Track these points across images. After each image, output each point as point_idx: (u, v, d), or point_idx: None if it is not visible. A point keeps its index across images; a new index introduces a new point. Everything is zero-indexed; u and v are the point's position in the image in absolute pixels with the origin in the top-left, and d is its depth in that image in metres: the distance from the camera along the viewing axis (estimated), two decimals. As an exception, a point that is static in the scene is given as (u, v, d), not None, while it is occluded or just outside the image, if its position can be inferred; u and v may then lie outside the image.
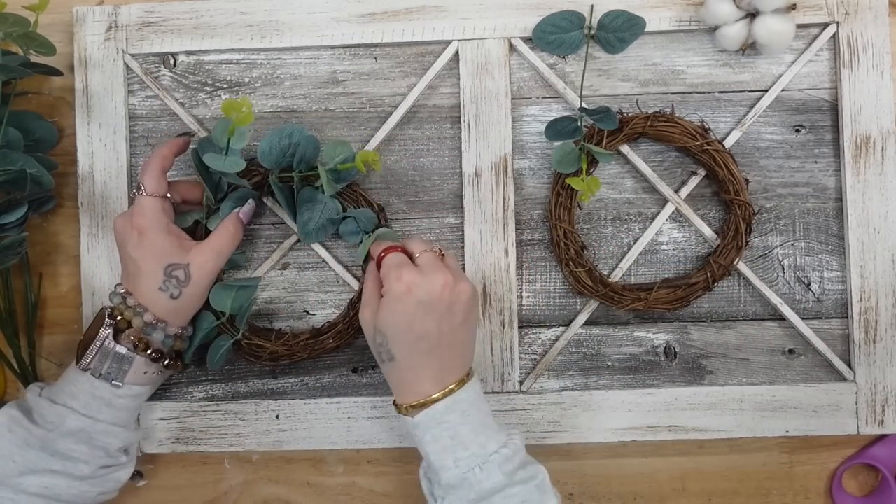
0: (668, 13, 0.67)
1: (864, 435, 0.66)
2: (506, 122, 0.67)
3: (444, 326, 0.57)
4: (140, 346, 0.59)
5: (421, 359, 0.57)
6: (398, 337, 0.57)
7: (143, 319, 0.59)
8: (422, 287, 0.56)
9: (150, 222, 0.59)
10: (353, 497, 0.70)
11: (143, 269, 0.59)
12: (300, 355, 0.66)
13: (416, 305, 0.56)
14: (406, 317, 0.56)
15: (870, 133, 0.66)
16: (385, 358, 0.58)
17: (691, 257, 0.68)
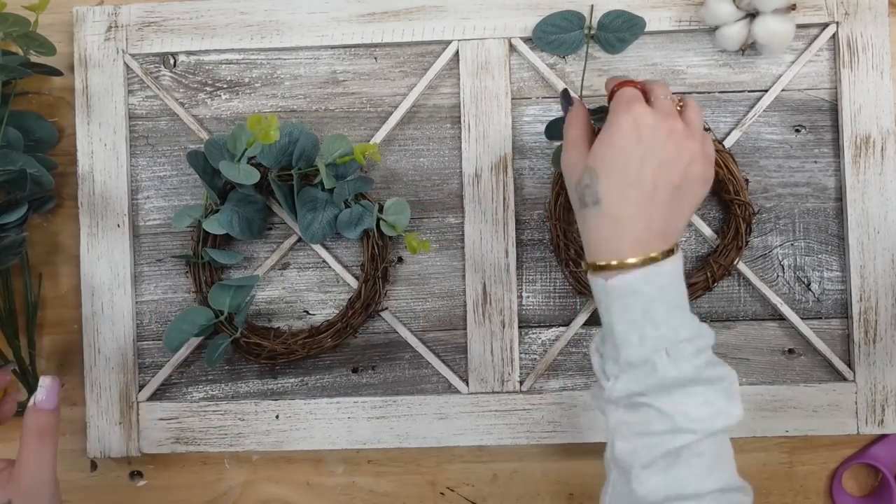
0: (668, 13, 0.67)
1: (864, 435, 0.66)
2: (506, 122, 0.67)
3: (659, 180, 0.49)
4: None
5: (628, 208, 0.49)
6: (611, 176, 0.49)
7: None
8: (649, 126, 0.50)
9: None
10: (353, 497, 0.70)
11: None
12: (298, 353, 0.66)
13: (637, 145, 0.49)
14: (624, 154, 0.49)
15: (869, 133, 0.66)
16: (589, 200, 0.50)
17: (691, 257, 0.68)
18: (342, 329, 0.67)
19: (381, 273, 0.66)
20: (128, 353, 0.67)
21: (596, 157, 0.51)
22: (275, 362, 0.67)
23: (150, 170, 0.69)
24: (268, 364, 0.68)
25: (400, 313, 0.69)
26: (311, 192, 0.64)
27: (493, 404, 0.66)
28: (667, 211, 0.50)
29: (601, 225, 0.50)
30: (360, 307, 0.66)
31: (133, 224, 0.69)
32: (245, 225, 0.65)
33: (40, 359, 0.70)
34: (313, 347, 0.67)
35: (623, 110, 0.51)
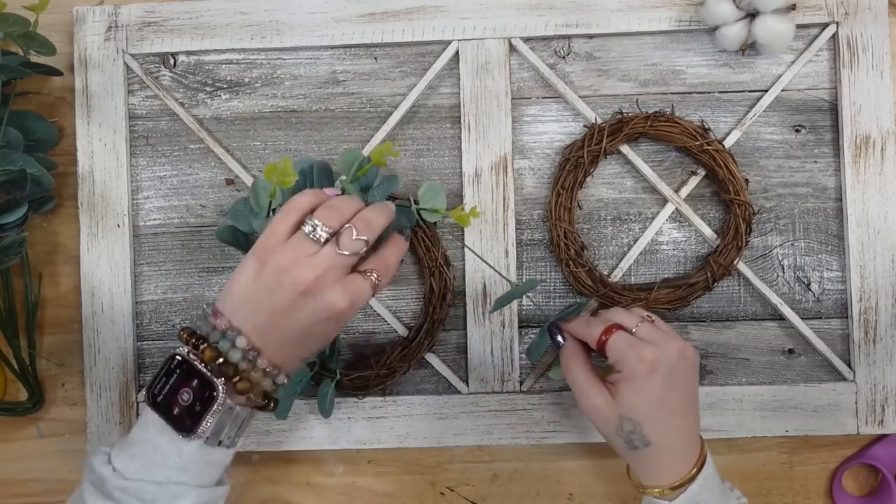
0: (668, 13, 0.67)
1: (864, 435, 0.66)
2: (506, 122, 0.67)
3: (684, 397, 0.55)
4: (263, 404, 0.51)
5: (675, 436, 0.54)
6: (651, 418, 0.54)
7: (274, 381, 0.50)
8: (663, 362, 0.54)
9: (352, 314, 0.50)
10: (353, 497, 0.70)
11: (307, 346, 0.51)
12: (403, 368, 0.66)
13: (662, 383, 0.53)
14: (656, 395, 0.53)
15: (869, 133, 0.66)
16: (639, 444, 0.54)
17: (691, 257, 0.68)
18: (431, 327, 0.66)
19: (443, 259, 0.66)
20: (128, 353, 0.67)
21: (631, 409, 0.54)
22: (384, 388, 0.66)
23: (150, 170, 0.69)
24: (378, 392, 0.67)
25: (400, 313, 0.69)
26: None
27: (493, 404, 0.66)
28: (695, 414, 0.56)
29: (656, 459, 0.54)
30: (438, 299, 0.66)
31: (133, 224, 0.69)
32: None
33: (40, 359, 0.70)
34: (413, 356, 0.66)
35: (636, 358, 0.54)
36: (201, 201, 0.69)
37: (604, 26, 0.67)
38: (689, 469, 0.54)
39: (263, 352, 0.49)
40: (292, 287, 0.48)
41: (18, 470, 0.69)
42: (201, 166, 0.69)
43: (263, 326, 0.49)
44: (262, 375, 0.49)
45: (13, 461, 0.69)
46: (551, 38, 0.68)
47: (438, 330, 0.66)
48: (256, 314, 0.49)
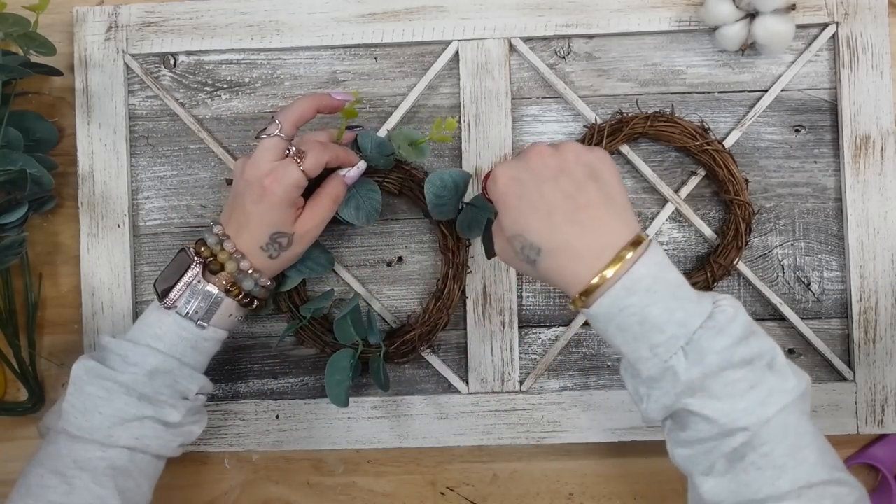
0: (668, 13, 0.67)
1: (864, 435, 0.67)
2: (506, 122, 0.67)
3: (567, 188, 0.48)
4: (232, 290, 0.57)
5: (565, 231, 0.47)
6: (530, 223, 0.48)
7: (238, 266, 0.57)
8: (518, 167, 0.50)
9: (282, 192, 0.56)
10: (353, 497, 0.70)
11: (253, 226, 0.57)
12: (444, 319, 0.66)
13: (524, 185, 0.49)
14: (524, 201, 0.48)
15: (869, 133, 0.66)
16: (534, 256, 0.48)
17: (691, 257, 0.68)
18: (456, 273, 0.66)
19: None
20: (128, 353, 0.67)
21: (508, 224, 0.50)
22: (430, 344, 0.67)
23: (150, 170, 0.69)
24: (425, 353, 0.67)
25: (400, 313, 0.69)
26: None
27: (493, 404, 0.66)
28: (598, 207, 0.47)
29: (557, 264, 0.48)
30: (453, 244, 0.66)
31: (133, 224, 0.69)
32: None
33: (40, 359, 0.70)
34: (448, 306, 0.66)
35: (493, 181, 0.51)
36: (201, 201, 0.69)
37: (604, 26, 0.67)
38: (599, 269, 0.46)
39: (232, 238, 0.58)
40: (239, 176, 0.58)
41: (18, 470, 0.69)
42: (201, 166, 0.69)
43: (229, 216, 0.58)
44: (227, 257, 0.57)
45: (13, 461, 0.69)
46: (551, 38, 0.68)
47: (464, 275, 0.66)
48: (227, 207, 0.59)
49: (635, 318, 0.46)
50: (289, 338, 0.69)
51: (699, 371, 0.45)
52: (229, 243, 0.57)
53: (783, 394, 0.45)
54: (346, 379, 0.63)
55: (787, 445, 0.45)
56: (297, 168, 0.56)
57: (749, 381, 0.45)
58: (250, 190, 0.56)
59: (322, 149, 0.58)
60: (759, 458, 0.44)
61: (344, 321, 0.64)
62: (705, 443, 0.46)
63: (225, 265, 0.57)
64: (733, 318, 0.46)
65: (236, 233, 0.57)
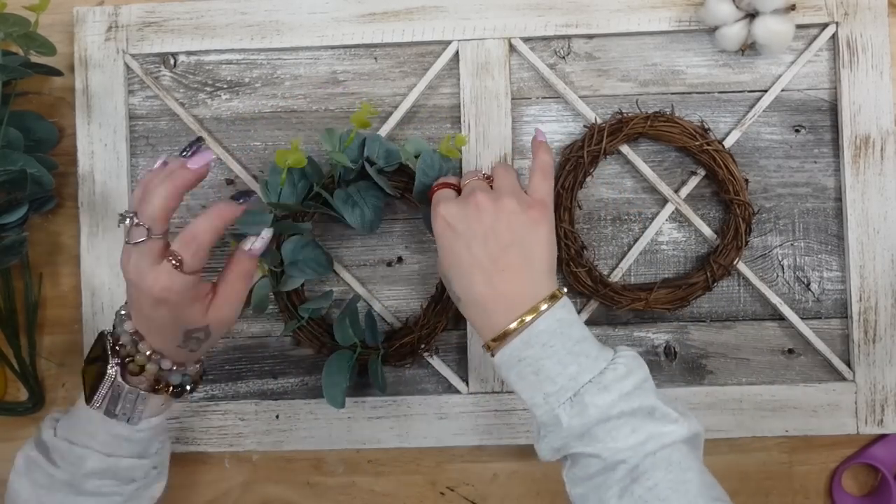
0: (668, 13, 0.67)
1: (864, 435, 0.67)
2: (506, 122, 0.67)
3: (492, 250, 0.52)
4: (159, 387, 0.54)
5: (480, 291, 0.52)
6: (455, 274, 0.54)
7: (159, 366, 0.54)
8: (456, 216, 0.54)
9: (176, 299, 0.51)
10: (353, 497, 0.70)
11: (161, 330, 0.53)
12: (442, 322, 0.66)
13: (457, 238, 0.53)
14: (453, 252, 0.54)
15: (869, 133, 0.66)
16: (455, 299, 0.55)
17: (691, 257, 0.68)
18: None
19: None
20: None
21: (441, 267, 0.56)
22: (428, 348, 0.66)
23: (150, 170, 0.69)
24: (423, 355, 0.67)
25: (400, 313, 0.69)
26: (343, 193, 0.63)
27: (493, 404, 0.66)
28: (516, 270, 0.52)
29: (473, 314, 0.54)
30: None
31: (133, 224, 0.69)
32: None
33: (40, 359, 0.70)
34: (447, 309, 0.66)
35: (434, 216, 0.55)
36: (201, 201, 0.69)
37: (604, 26, 0.67)
38: (502, 326, 0.51)
39: (144, 337, 0.53)
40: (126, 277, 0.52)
41: (18, 470, 0.69)
42: (201, 166, 0.69)
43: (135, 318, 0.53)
44: (145, 359, 0.53)
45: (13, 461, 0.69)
46: (551, 39, 0.68)
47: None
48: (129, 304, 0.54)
49: (531, 369, 0.50)
50: (288, 337, 0.69)
51: (580, 422, 0.49)
52: (144, 344, 0.53)
53: (663, 436, 0.49)
54: (343, 380, 0.63)
55: (671, 480, 0.47)
56: (179, 273, 0.50)
57: (630, 426, 0.49)
58: (143, 297, 0.51)
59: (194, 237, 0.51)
60: (644, 491, 0.47)
61: (343, 322, 0.64)
62: (594, 478, 0.49)
63: (145, 367, 0.54)
64: (624, 376, 0.50)
65: (147, 334, 0.53)
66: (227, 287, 0.54)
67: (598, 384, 0.49)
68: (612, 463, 0.48)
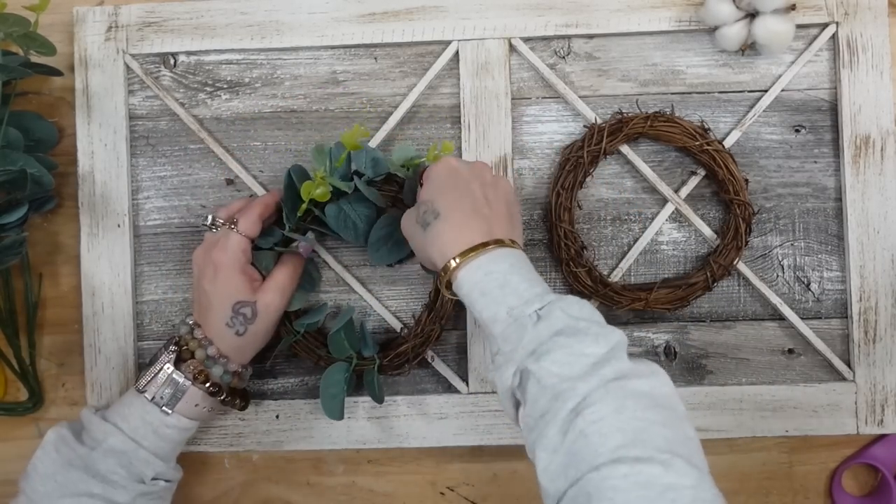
0: (668, 13, 0.67)
1: (864, 435, 0.67)
2: (506, 122, 0.67)
3: (487, 193, 0.57)
4: (199, 377, 0.59)
5: (466, 215, 0.55)
6: (444, 193, 0.56)
7: (206, 352, 0.60)
8: (463, 165, 0.58)
9: (229, 260, 0.60)
10: (353, 497, 0.70)
11: (214, 304, 0.60)
12: (436, 331, 0.66)
13: (458, 167, 0.58)
14: (450, 174, 0.57)
15: (869, 133, 0.66)
16: (430, 218, 0.55)
17: (691, 257, 0.68)
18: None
19: None
20: (128, 353, 0.67)
21: (424, 194, 0.57)
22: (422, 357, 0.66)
23: (150, 170, 0.69)
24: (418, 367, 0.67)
25: (400, 313, 0.69)
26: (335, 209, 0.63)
27: (494, 404, 0.66)
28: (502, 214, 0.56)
29: (445, 230, 0.54)
30: None
31: (133, 224, 0.69)
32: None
33: (40, 359, 0.70)
34: (441, 317, 0.66)
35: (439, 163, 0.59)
36: (201, 201, 0.69)
37: (604, 26, 0.67)
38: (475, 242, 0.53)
39: (201, 325, 0.61)
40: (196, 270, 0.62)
41: (18, 470, 0.69)
42: (201, 166, 0.69)
43: (195, 305, 0.62)
44: (196, 344, 0.60)
45: (13, 461, 0.69)
46: (551, 38, 0.68)
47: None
48: (193, 300, 0.63)
49: (497, 283, 0.51)
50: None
51: (547, 329, 0.48)
52: (199, 331, 0.60)
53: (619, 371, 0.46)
54: (340, 392, 0.64)
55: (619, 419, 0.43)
56: (234, 232, 0.60)
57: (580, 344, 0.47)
58: (206, 270, 0.60)
59: (250, 206, 0.62)
60: (586, 424, 0.44)
61: (338, 335, 0.64)
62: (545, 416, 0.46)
63: (194, 353, 0.60)
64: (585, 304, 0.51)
65: (203, 318, 0.61)
66: (276, 275, 0.62)
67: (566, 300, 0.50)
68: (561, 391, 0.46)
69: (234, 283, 0.60)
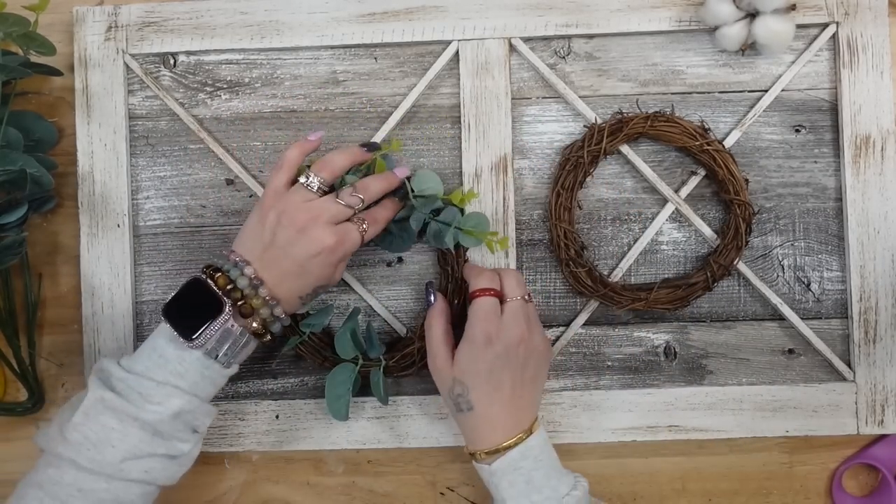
0: (668, 13, 0.67)
1: (864, 435, 0.66)
2: (506, 122, 0.67)
3: (517, 379, 0.59)
4: (262, 333, 0.58)
5: (498, 409, 0.59)
6: (479, 387, 0.59)
7: (272, 312, 0.58)
8: (502, 340, 0.58)
9: (343, 255, 0.59)
10: (353, 497, 0.70)
11: (302, 278, 0.58)
12: None
13: (495, 358, 0.58)
14: (486, 367, 0.58)
15: (869, 133, 0.66)
16: (464, 407, 0.59)
17: (691, 257, 0.68)
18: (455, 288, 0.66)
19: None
20: (128, 353, 0.67)
21: (462, 373, 0.59)
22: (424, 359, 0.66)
23: (150, 170, 0.69)
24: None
25: (400, 313, 0.69)
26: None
27: (493, 404, 0.66)
28: (526, 398, 0.60)
29: (477, 424, 0.59)
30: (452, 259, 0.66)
31: (133, 224, 0.69)
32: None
33: (40, 359, 0.70)
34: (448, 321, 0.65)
35: (479, 327, 0.59)
36: (201, 201, 0.69)
37: (604, 26, 0.67)
38: (507, 440, 0.58)
39: (266, 282, 0.57)
40: (290, 226, 0.57)
41: (18, 470, 0.69)
42: (201, 166, 0.69)
43: (266, 261, 0.58)
44: (262, 303, 0.57)
45: (13, 461, 0.69)
46: (551, 38, 0.68)
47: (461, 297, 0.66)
48: (262, 251, 0.58)
49: (523, 479, 0.58)
50: (289, 338, 0.69)
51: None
52: (264, 289, 0.57)
53: None
54: (346, 393, 0.64)
55: None
56: (360, 235, 0.59)
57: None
58: (306, 243, 0.57)
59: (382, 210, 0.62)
60: None
61: (343, 336, 0.64)
62: None
63: (259, 311, 0.57)
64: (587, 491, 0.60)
65: (277, 280, 0.57)
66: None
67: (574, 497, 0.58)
68: None
69: (333, 271, 0.59)
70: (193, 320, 0.56)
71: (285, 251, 0.57)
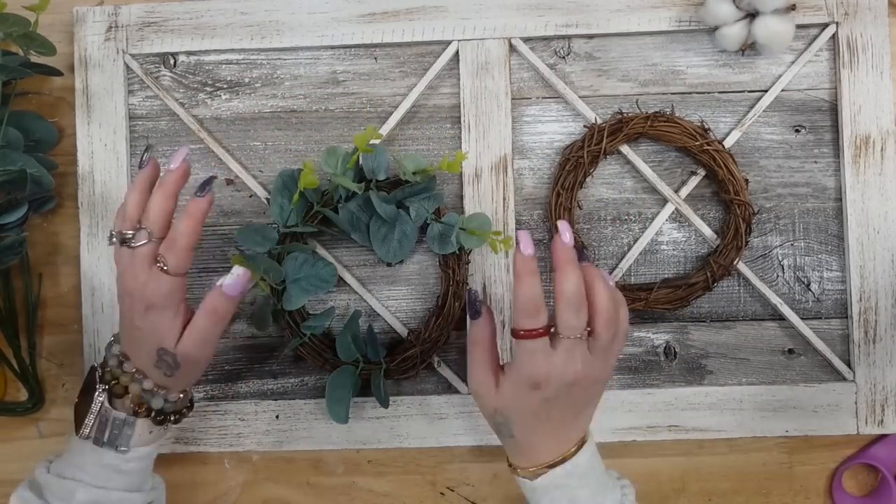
0: (668, 13, 0.67)
1: (864, 435, 0.67)
2: (506, 122, 0.67)
3: (567, 414, 0.54)
4: (141, 410, 0.56)
5: (541, 437, 0.54)
6: (522, 421, 0.54)
7: (141, 386, 0.56)
8: (552, 384, 0.52)
9: (162, 302, 0.53)
10: (353, 497, 0.70)
11: (143, 343, 0.55)
12: (444, 336, 0.66)
13: (543, 401, 0.53)
14: (532, 407, 0.53)
15: (869, 133, 0.66)
16: (504, 434, 0.55)
17: (691, 257, 0.68)
18: (456, 291, 0.65)
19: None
20: (128, 353, 0.67)
21: (505, 408, 0.54)
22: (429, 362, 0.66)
23: (150, 170, 0.69)
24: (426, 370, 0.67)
25: (400, 313, 0.69)
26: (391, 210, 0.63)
27: (493, 404, 0.66)
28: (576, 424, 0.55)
29: (519, 449, 0.55)
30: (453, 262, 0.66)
31: (133, 224, 0.69)
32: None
33: (40, 359, 0.70)
34: (449, 323, 0.66)
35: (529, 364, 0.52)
36: (201, 201, 0.69)
37: (604, 26, 0.67)
38: (551, 459, 0.54)
39: (130, 358, 0.56)
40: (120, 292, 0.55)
41: (18, 470, 0.69)
42: (201, 166, 0.69)
43: (123, 334, 0.56)
44: (129, 378, 0.56)
45: (13, 461, 0.69)
46: (551, 39, 0.68)
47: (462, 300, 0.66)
48: (121, 326, 0.56)
49: (566, 497, 0.54)
50: (289, 338, 0.69)
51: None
52: (129, 364, 0.56)
53: None
54: (346, 396, 0.64)
55: None
56: (165, 276, 0.53)
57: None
58: (136, 303, 0.54)
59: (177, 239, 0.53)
60: None
61: (345, 338, 0.64)
62: None
63: (129, 387, 0.56)
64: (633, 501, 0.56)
65: (132, 351, 0.56)
66: (195, 323, 0.55)
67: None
68: None
69: (164, 327, 0.54)
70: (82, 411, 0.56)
71: (126, 317, 0.55)
